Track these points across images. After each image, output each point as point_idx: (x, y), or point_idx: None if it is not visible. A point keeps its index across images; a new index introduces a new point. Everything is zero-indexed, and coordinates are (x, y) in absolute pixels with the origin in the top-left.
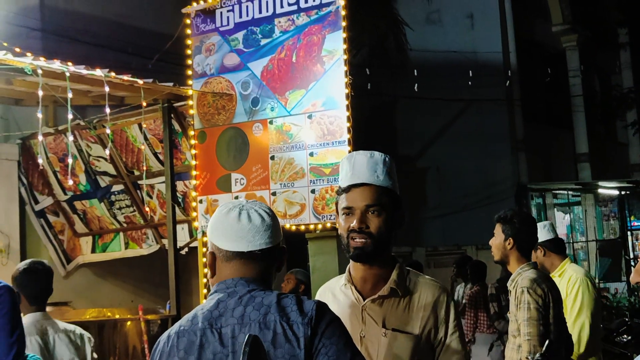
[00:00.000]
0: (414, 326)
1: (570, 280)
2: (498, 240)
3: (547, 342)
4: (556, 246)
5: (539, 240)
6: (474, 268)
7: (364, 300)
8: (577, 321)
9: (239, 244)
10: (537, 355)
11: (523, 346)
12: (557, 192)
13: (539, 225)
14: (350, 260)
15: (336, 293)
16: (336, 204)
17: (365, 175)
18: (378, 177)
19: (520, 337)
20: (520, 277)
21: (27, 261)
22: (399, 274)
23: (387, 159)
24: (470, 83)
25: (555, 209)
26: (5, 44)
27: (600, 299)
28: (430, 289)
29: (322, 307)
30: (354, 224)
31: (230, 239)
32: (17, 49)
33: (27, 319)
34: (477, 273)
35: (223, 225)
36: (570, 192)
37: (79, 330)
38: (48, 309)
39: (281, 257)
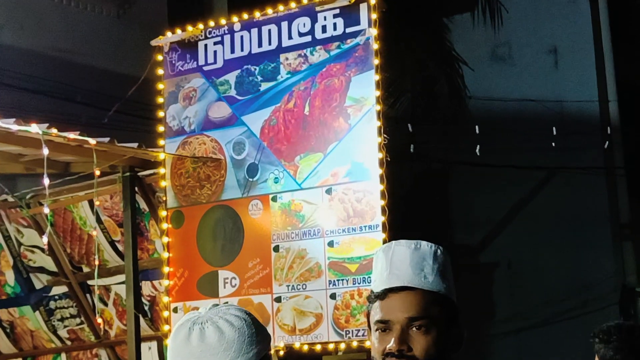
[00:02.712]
0: None
1: None
2: None
3: None
4: None
5: None
6: None
7: None
8: None
9: None
10: None
11: None
12: None
13: None
14: None
15: None
16: (367, 316)
17: (408, 276)
18: (426, 278)
19: None
20: None
21: None
22: None
23: (439, 251)
24: (554, 144)
25: None
26: None
27: None
28: None
29: None
30: (391, 344)
31: None
32: None
33: None
34: None
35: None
36: None
37: None
38: None
39: None
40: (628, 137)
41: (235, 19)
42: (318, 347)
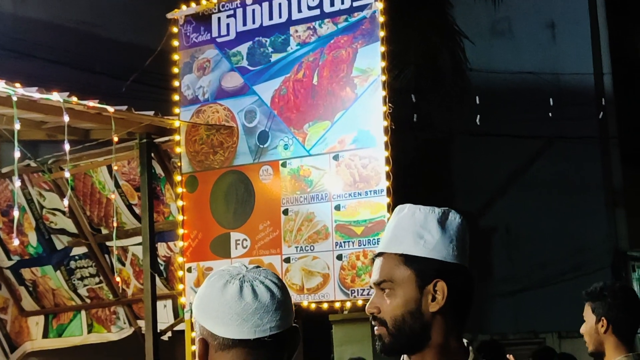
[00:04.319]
0: None
1: None
2: (589, 324)
3: None
4: None
5: None
6: None
7: None
8: None
9: (242, 329)
10: None
11: None
12: None
13: None
14: None
15: None
16: None
17: (384, 242)
18: (397, 242)
19: None
20: None
21: None
22: None
23: (417, 212)
24: (551, 115)
25: None
26: None
27: None
28: None
29: None
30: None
31: (230, 323)
32: None
33: None
34: None
35: (218, 304)
36: None
37: None
38: None
39: (294, 342)
40: (622, 108)
41: None
42: (325, 306)
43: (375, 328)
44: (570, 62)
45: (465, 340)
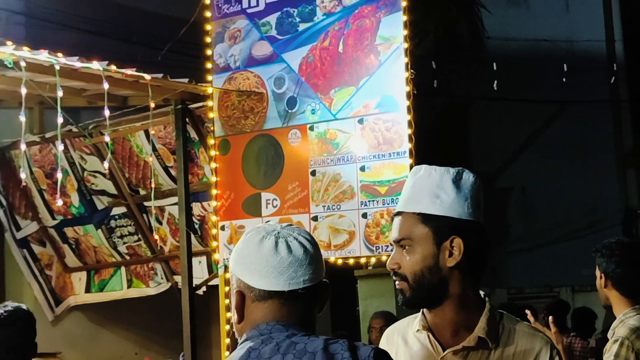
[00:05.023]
0: None
1: None
2: (597, 279)
3: None
4: None
5: None
6: (578, 317)
7: (444, 350)
8: None
9: (277, 281)
10: None
11: None
12: None
13: None
14: None
15: (408, 339)
16: None
17: (402, 202)
18: (415, 201)
19: None
20: (621, 325)
21: None
22: (489, 319)
23: (433, 172)
24: (564, 80)
25: None
26: None
27: None
28: (530, 340)
29: (381, 354)
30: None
31: (266, 276)
32: None
33: None
34: (582, 323)
35: (255, 258)
36: None
37: None
38: None
39: (325, 295)
40: (632, 74)
41: None
42: (351, 261)
43: (397, 283)
44: (583, 29)
45: (482, 292)
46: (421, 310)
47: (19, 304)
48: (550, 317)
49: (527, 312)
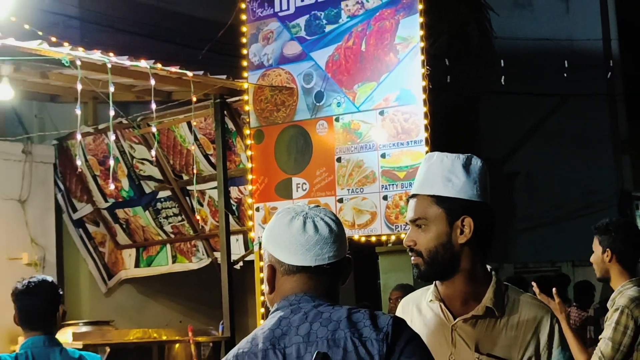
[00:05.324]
0: (512, 352)
1: None
2: (596, 254)
3: None
4: None
5: None
6: (579, 289)
7: (455, 319)
8: None
9: (305, 257)
10: None
11: None
12: None
13: None
14: None
15: (422, 308)
16: None
17: (417, 185)
18: (429, 185)
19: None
20: (621, 296)
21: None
22: (495, 290)
23: (445, 158)
24: (565, 76)
25: None
26: (40, 33)
27: None
28: (533, 310)
29: (399, 322)
30: (405, 239)
31: (295, 252)
32: (54, 39)
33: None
34: (582, 295)
35: (285, 236)
36: None
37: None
38: (88, 328)
39: (348, 269)
40: (627, 69)
41: None
42: (373, 239)
43: (412, 258)
44: (582, 29)
45: (489, 267)
46: (434, 282)
47: (46, 276)
48: (554, 289)
49: (533, 284)
